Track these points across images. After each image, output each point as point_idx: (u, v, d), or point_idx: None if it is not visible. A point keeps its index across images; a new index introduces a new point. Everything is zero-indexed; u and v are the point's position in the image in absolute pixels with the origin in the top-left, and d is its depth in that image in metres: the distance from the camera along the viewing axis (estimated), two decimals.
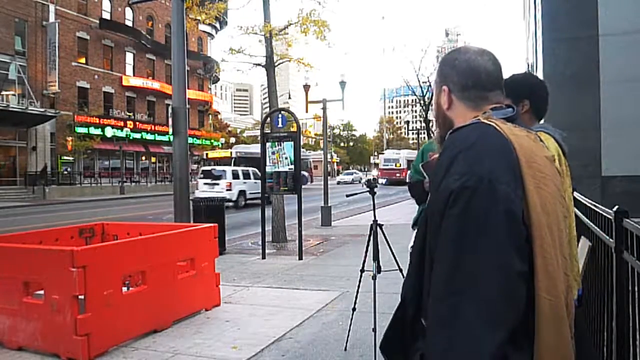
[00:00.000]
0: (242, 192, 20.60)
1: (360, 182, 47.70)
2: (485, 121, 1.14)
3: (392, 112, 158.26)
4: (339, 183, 49.46)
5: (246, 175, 21.32)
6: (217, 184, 20.07)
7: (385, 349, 1.33)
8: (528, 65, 20.42)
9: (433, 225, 1.10)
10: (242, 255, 8.74)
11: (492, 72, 1.23)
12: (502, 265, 0.99)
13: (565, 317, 1.07)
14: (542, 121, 2.26)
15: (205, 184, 20.40)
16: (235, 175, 20.77)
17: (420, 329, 1.17)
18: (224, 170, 20.97)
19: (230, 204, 18.50)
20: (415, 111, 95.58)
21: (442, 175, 1.08)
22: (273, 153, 8.70)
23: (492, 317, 0.97)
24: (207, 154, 28.15)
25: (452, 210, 1.03)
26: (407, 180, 2.81)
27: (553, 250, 1.06)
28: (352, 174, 57.88)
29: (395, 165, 39.99)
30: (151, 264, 4.55)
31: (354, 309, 4.18)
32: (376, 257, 3.95)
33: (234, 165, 23.97)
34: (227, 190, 19.64)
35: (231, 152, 27.00)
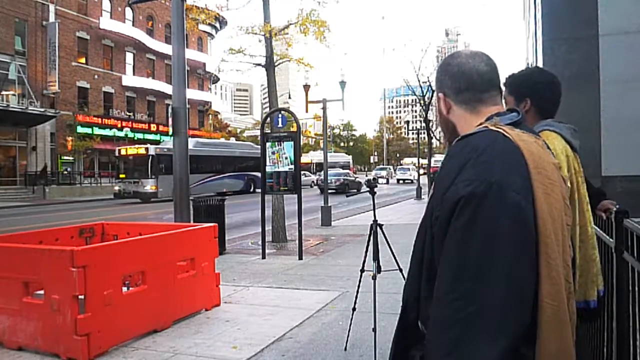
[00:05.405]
0: (413, 176, 44.18)
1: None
2: (493, 128, 1.14)
3: (392, 112, 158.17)
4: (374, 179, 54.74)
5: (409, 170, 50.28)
6: (409, 170, 49.82)
7: None
8: (528, 65, 20.41)
9: (438, 233, 1.08)
10: (242, 255, 8.74)
11: (484, 74, 1.23)
12: (507, 273, 0.98)
13: (568, 323, 1.07)
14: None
15: (401, 172, 50.83)
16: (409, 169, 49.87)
17: (421, 335, 1.16)
18: (407, 169, 50.81)
19: (408, 180, 46.22)
20: (415, 111, 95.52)
21: (450, 182, 1.07)
22: (273, 153, 8.71)
23: (496, 325, 0.96)
24: (119, 150, 27.12)
25: (460, 217, 1.01)
26: None
27: (557, 256, 1.06)
28: (385, 169, 59.20)
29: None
30: (151, 264, 4.55)
31: (354, 309, 4.18)
32: (376, 257, 3.94)
33: (152, 164, 24.88)
34: (409, 175, 46.93)
35: (147, 149, 25.61)
